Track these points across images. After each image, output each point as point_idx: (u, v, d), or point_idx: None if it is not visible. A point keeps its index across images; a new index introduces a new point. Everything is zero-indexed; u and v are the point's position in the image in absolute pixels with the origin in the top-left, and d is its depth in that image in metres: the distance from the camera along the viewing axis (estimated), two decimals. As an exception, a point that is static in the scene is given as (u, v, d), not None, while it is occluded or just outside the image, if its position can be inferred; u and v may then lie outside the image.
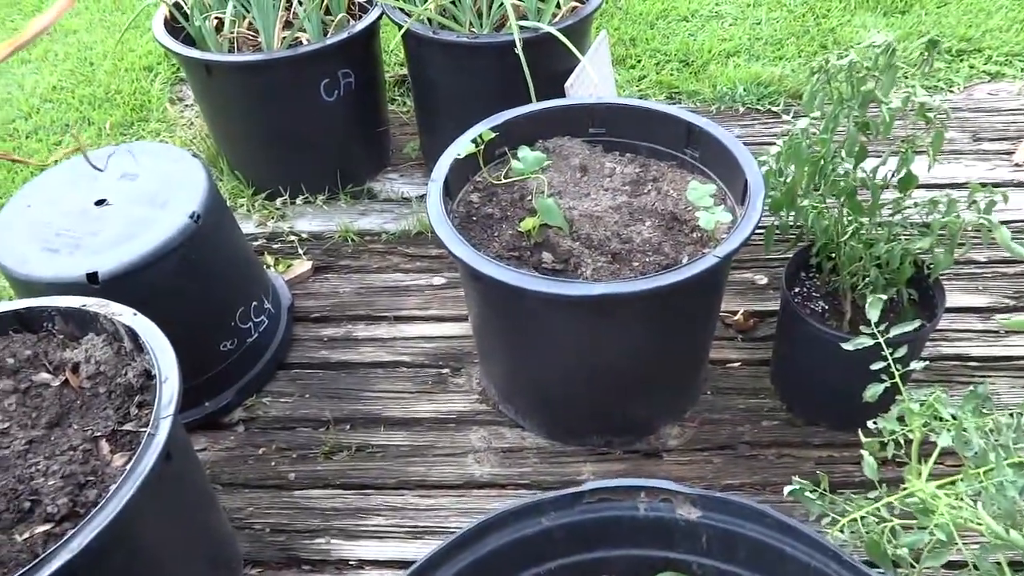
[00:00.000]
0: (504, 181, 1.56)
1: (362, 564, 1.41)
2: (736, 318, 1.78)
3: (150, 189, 1.59)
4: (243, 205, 2.19)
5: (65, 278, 1.43)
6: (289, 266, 2.00)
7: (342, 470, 1.56)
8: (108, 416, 1.22)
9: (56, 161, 1.82)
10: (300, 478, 1.55)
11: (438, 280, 1.96)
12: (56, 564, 0.95)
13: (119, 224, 1.52)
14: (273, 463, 1.58)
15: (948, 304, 1.76)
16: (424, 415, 1.65)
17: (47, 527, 1.09)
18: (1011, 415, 0.97)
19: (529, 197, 1.53)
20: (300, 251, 2.05)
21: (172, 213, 1.53)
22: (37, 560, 0.96)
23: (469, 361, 1.75)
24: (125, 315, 1.27)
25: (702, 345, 1.57)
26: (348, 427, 1.64)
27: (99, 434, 1.20)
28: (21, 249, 1.49)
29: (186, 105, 2.66)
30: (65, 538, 0.97)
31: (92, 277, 1.43)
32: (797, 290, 1.57)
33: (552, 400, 1.56)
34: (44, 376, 1.29)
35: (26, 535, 1.07)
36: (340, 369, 1.76)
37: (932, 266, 1.44)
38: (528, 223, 1.46)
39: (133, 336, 1.26)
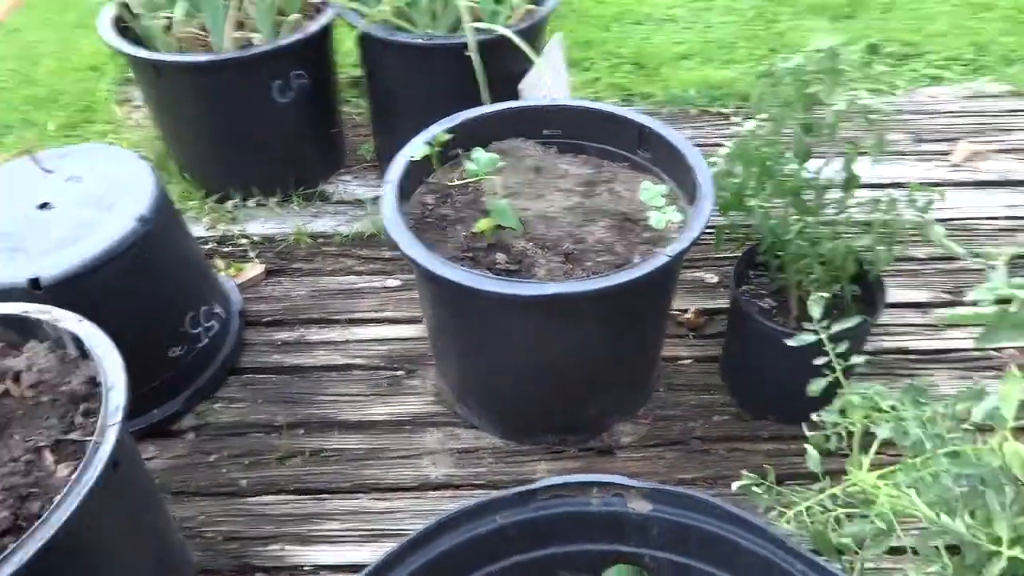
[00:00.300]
0: (458, 182, 1.56)
1: (317, 569, 1.40)
2: (687, 316, 1.81)
3: (96, 192, 1.56)
4: (193, 208, 2.15)
5: (6, 284, 1.39)
6: (240, 270, 1.98)
7: (296, 475, 1.55)
8: (52, 425, 1.18)
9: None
10: (253, 484, 1.54)
11: (392, 282, 1.95)
12: (-3, 577, 0.93)
13: (63, 228, 1.49)
14: (225, 470, 1.56)
15: (889, 299, 1.82)
16: (379, 418, 1.65)
17: (-13, 540, 1.06)
18: (945, 405, 1.00)
19: (483, 198, 1.54)
20: (251, 254, 2.03)
21: (119, 216, 1.50)
22: (-24, 574, 0.94)
23: (424, 363, 1.75)
24: (69, 321, 1.25)
25: (654, 343, 1.60)
26: (302, 431, 1.63)
27: (42, 444, 1.17)
28: (-41, 254, 1.44)
29: (134, 106, 2.60)
30: (6, 552, 0.95)
31: (35, 283, 1.39)
32: (745, 288, 1.60)
33: (506, 400, 1.57)
34: (-16, 384, 1.25)
35: (-35, 548, 1.04)
36: (293, 373, 1.75)
37: (873, 263, 1.48)
38: (482, 224, 1.46)
39: (78, 343, 1.23)
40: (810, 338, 1.14)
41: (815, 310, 1.14)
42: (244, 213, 2.16)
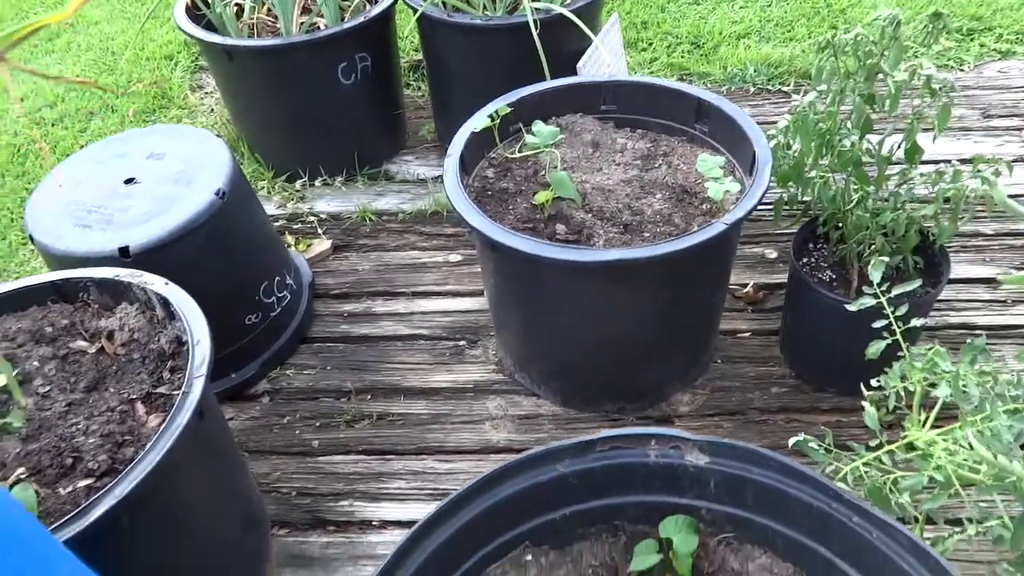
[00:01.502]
0: (519, 155, 1.60)
1: (384, 524, 1.47)
2: (746, 291, 1.82)
3: (176, 168, 1.65)
4: (263, 188, 2.25)
5: (98, 252, 1.49)
6: (309, 245, 2.06)
7: (364, 437, 1.62)
8: (143, 380, 1.27)
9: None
10: (323, 445, 1.61)
11: (454, 257, 2.01)
12: (100, 510, 1.01)
13: (148, 201, 1.58)
14: (297, 431, 1.64)
15: (956, 275, 1.80)
16: (442, 385, 1.71)
17: (88, 481, 1.14)
18: (1011, 373, 1.01)
19: (543, 172, 1.58)
20: (320, 231, 2.11)
21: (198, 190, 1.58)
22: (82, 507, 1.02)
23: (485, 334, 1.80)
24: (157, 284, 1.33)
25: (712, 313, 1.62)
26: (369, 397, 1.70)
27: (134, 397, 1.26)
28: (55, 226, 1.55)
29: (206, 93, 2.72)
30: (110, 485, 1.03)
31: (124, 251, 1.48)
32: (805, 260, 1.61)
33: (566, 368, 1.61)
34: (81, 344, 1.35)
35: (69, 488, 1.13)
36: (360, 342, 1.82)
37: (937, 234, 1.47)
38: (542, 196, 1.50)
39: (165, 304, 1.32)
40: (870, 301, 1.16)
41: (875, 274, 1.15)
42: (312, 192, 2.24)
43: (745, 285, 1.83)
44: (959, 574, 0.82)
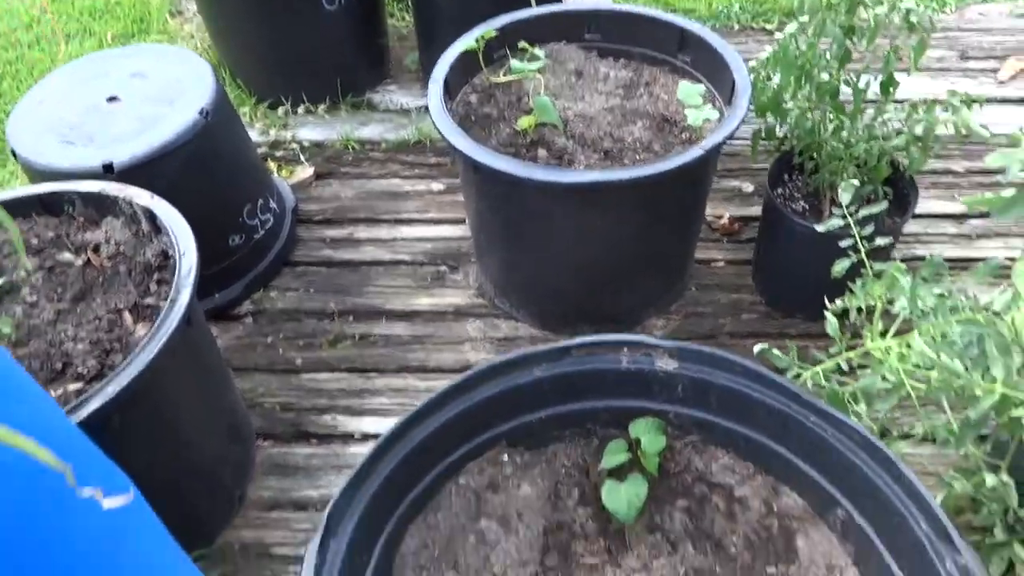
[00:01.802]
0: (503, 80, 1.61)
1: (366, 437, 1.52)
2: (722, 222, 1.86)
3: (159, 87, 1.64)
4: (246, 114, 2.24)
5: (82, 168, 1.49)
6: (292, 172, 2.07)
7: (346, 356, 1.66)
8: (129, 291, 1.30)
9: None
10: (307, 363, 1.65)
11: (436, 186, 2.03)
12: (92, 407, 1.05)
13: (131, 119, 1.58)
14: (281, 350, 1.68)
15: (925, 211, 1.85)
16: (423, 308, 1.75)
17: (78, 385, 1.18)
18: (966, 296, 1.06)
19: (526, 98, 1.59)
20: (302, 158, 2.11)
21: (182, 110, 1.58)
22: (73, 404, 1.06)
23: (466, 260, 1.83)
24: (143, 198, 1.35)
25: (688, 239, 1.66)
26: (351, 319, 1.73)
27: (122, 307, 1.28)
28: (38, 142, 1.55)
29: (186, 19, 2.67)
30: (103, 384, 1.07)
31: (108, 168, 1.49)
32: (780, 191, 1.65)
33: (545, 291, 1.65)
34: (67, 256, 1.36)
35: (59, 391, 1.17)
36: (343, 267, 1.85)
37: (908, 164, 1.51)
38: (525, 121, 1.52)
39: (151, 218, 1.34)
40: (838, 222, 1.20)
41: (845, 196, 1.19)
42: (294, 120, 2.24)
43: (721, 216, 1.87)
44: (906, 467, 0.88)
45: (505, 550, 1.03)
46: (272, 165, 2.08)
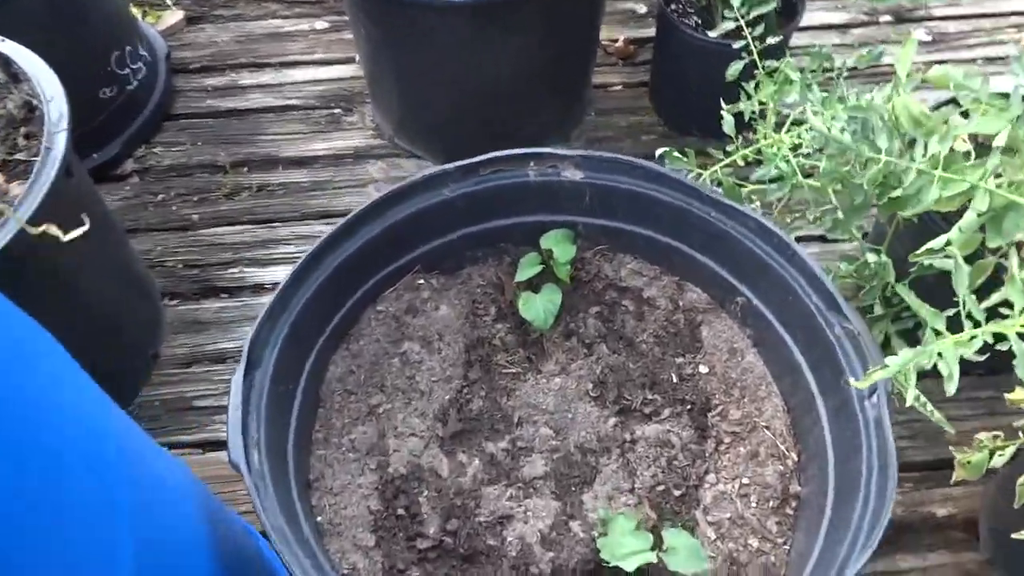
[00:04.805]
0: None
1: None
2: (617, 45, 1.85)
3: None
4: (95, -44, 2.01)
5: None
6: (159, 17, 1.90)
7: (246, 208, 1.60)
8: (-6, 149, 1.19)
9: None
10: (204, 219, 1.59)
11: (320, 24, 1.91)
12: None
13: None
14: (175, 208, 1.61)
15: (812, 23, 1.88)
16: (320, 153, 1.69)
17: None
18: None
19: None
20: (168, 1, 1.94)
21: (19, -56, 1.40)
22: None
23: (360, 100, 1.77)
24: (-9, 43, 1.21)
25: (585, 59, 1.64)
26: (246, 169, 1.66)
27: (-12, 166, 1.18)
28: None
29: None
30: (-21, 241, 1.00)
31: (-57, 14, 1.33)
32: (672, 8, 1.63)
33: (443, 123, 1.62)
34: (-87, 116, 1.23)
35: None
36: (229, 116, 1.75)
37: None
38: (408, -60, 1.43)
39: (6, 64, 1.21)
40: (730, 25, 1.21)
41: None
42: (152, -40, 2.03)
43: (616, 40, 1.85)
44: (799, 246, 0.95)
45: (429, 368, 1.07)
46: (136, 11, 1.90)
